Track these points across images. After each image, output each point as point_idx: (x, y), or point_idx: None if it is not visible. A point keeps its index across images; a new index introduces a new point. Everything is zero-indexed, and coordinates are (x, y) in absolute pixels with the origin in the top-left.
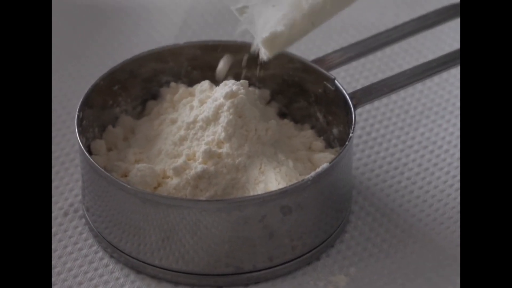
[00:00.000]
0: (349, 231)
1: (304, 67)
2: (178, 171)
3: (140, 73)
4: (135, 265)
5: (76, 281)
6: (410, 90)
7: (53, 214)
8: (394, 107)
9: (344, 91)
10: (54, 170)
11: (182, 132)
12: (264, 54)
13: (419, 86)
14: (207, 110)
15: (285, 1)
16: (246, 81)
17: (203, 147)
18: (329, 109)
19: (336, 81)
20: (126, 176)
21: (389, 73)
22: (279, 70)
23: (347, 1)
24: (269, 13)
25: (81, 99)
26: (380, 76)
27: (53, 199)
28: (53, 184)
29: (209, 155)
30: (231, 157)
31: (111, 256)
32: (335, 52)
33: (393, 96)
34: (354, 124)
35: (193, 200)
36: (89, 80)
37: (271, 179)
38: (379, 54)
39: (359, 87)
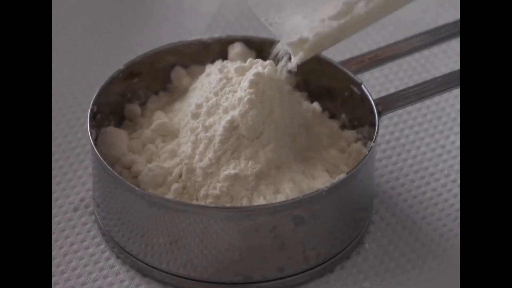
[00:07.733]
0: (367, 242)
1: (331, 69)
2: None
3: (161, 67)
4: (141, 268)
5: (79, 282)
6: (445, 95)
7: (62, 209)
8: (426, 112)
9: (370, 97)
10: (68, 162)
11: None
12: (295, 60)
13: (454, 91)
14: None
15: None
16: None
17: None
18: (354, 113)
19: (362, 86)
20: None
21: (425, 76)
22: (307, 70)
23: (386, 11)
24: (298, 20)
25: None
26: (416, 79)
27: (64, 193)
28: (66, 177)
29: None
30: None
31: (118, 257)
32: (369, 52)
33: (427, 101)
34: (377, 132)
35: (201, 205)
36: (114, 67)
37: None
38: (416, 55)
39: (392, 89)
